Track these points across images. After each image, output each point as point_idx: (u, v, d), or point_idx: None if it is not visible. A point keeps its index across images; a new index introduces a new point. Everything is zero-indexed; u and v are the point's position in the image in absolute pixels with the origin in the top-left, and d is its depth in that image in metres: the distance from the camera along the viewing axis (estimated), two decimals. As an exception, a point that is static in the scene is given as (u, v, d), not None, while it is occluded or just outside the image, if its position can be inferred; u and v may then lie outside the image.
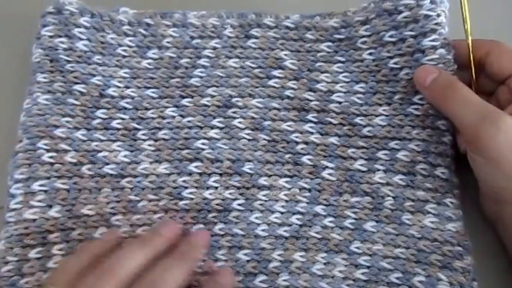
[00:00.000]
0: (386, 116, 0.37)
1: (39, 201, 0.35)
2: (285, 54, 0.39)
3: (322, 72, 0.38)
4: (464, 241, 0.34)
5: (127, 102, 0.38)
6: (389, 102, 0.37)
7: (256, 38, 0.39)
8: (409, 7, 0.37)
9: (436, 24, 0.36)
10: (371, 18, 0.38)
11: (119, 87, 0.38)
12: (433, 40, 0.36)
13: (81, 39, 0.38)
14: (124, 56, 0.39)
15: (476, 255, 0.34)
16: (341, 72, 0.38)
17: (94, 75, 0.38)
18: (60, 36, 0.38)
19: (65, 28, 0.38)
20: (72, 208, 0.35)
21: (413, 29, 0.36)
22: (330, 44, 0.39)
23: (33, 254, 0.34)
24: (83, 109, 0.37)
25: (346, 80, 0.38)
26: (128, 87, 0.38)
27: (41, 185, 0.35)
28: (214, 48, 0.39)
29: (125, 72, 0.38)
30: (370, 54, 0.38)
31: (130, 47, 0.39)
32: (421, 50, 0.36)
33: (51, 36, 0.38)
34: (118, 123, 0.37)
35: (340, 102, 0.38)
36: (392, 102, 0.37)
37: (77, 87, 0.38)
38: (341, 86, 0.38)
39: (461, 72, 0.37)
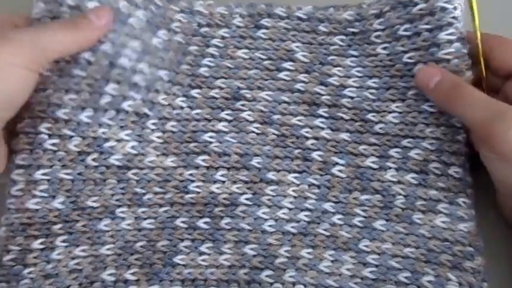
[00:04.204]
0: (400, 113, 0.36)
1: (42, 191, 0.34)
2: (297, 46, 0.38)
3: (334, 66, 0.37)
4: (476, 242, 0.33)
5: (139, 79, 0.35)
6: (403, 98, 0.36)
7: (267, 28, 0.38)
8: None
9: (452, 17, 0.35)
10: (385, 11, 0.37)
11: (131, 58, 0.35)
12: (449, 34, 0.35)
13: None
14: (135, 28, 0.36)
15: (488, 256, 0.33)
16: (354, 67, 0.37)
17: (103, 42, 0.34)
18: None
19: None
20: (77, 200, 0.34)
21: (429, 22, 0.35)
22: (343, 37, 0.38)
23: (36, 244, 0.33)
24: (89, 83, 0.33)
25: (359, 74, 0.37)
26: (139, 61, 0.35)
27: (43, 174, 0.34)
28: (223, 38, 0.38)
29: (137, 44, 0.35)
30: (384, 48, 0.37)
31: (141, 20, 0.36)
32: (437, 44, 0.35)
33: None
34: (129, 106, 0.35)
35: (352, 98, 0.37)
36: (406, 98, 0.36)
37: (84, 55, 0.33)
38: (353, 81, 0.37)
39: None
